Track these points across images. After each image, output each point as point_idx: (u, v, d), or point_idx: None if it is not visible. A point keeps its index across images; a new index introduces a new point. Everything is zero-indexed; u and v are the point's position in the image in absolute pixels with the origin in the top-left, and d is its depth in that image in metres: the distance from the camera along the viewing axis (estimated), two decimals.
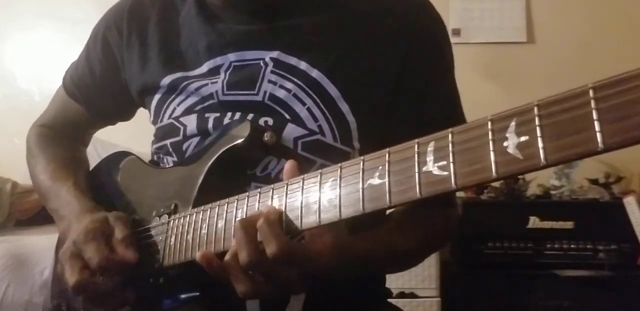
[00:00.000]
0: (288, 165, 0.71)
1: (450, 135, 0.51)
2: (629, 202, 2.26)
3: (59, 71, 1.21)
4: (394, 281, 2.14)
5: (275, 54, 0.93)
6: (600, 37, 2.83)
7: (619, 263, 2.23)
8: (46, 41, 3.26)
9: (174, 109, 0.97)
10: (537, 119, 0.44)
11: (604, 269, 2.23)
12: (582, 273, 2.24)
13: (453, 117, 0.94)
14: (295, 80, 0.91)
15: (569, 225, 2.30)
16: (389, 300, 1.05)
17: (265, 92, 0.92)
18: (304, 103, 0.90)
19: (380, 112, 0.93)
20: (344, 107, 0.91)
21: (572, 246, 2.28)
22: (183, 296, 0.85)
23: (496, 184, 2.49)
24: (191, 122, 0.95)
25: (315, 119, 0.90)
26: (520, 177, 2.45)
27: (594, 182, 2.50)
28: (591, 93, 0.41)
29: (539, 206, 2.39)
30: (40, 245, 2.16)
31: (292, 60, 0.92)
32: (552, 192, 2.48)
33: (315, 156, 0.89)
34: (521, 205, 2.41)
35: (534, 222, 2.32)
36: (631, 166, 2.72)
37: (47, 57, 3.20)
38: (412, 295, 2.23)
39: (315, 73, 0.91)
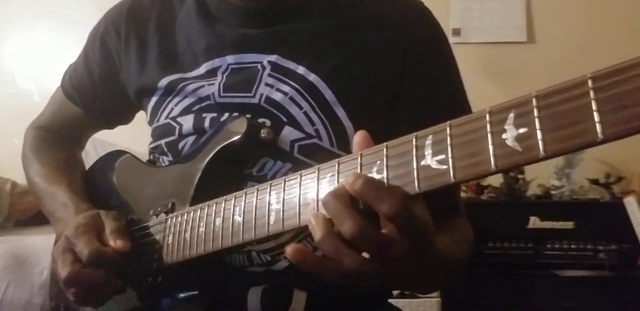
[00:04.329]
0: (359, 136, 0.62)
1: (448, 128, 0.51)
2: (630, 202, 2.26)
3: (58, 71, 1.20)
4: None
5: (273, 57, 0.93)
6: (600, 37, 2.83)
7: (619, 263, 2.22)
8: (46, 41, 3.26)
9: (172, 109, 0.97)
10: (535, 111, 0.43)
11: (604, 269, 2.22)
12: (582, 273, 2.24)
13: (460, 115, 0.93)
14: (292, 83, 0.91)
15: (569, 225, 2.30)
16: (389, 300, 1.05)
17: (261, 95, 0.91)
18: (300, 107, 0.90)
19: (379, 117, 0.92)
20: (340, 112, 0.90)
21: (572, 246, 2.28)
22: (182, 295, 0.85)
23: (496, 184, 2.49)
24: (187, 122, 0.94)
25: (312, 123, 0.90)
26: (520, 176, 2.45)
27: (595, 182, 2.50)
28: (590, 83, 0.40)
29: (539, 206, 2.39)
30: (40, 245, 2.16)
31: (291, 65, 0.92)
32: (553, 192, 2.48)
33: (310, 160, 0.88)
34: (521, 205, 2.41)
35: (534, 222, 2.32)
36: (631, 166, 2.72)
37: (47, 57, 3.20)
38: (412, 295, 2.22)
39: (312, 77, 0.91)
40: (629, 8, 2.87)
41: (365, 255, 0.58)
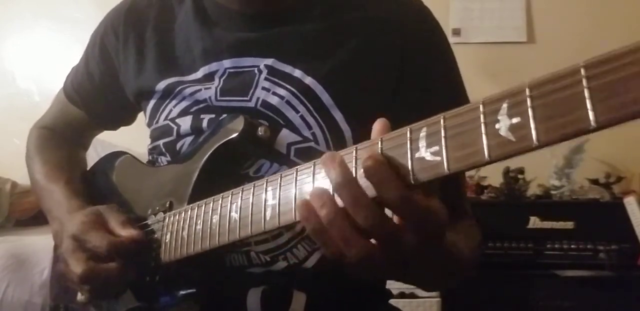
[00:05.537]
0: (379, 124, 0.60)
1: (442, 120, 0.51)
2: (630, 202, 2.25)
3: (58, 71, 1.21)
4: (394, 282, 2.13)
5: (270, 61, 0.92)
6: (600, 37, 2.82)
7: (619, 263, 2.21)
8: (46, 41, 3.27)
9: (170, 111, 0.97)
10: (528, 100, 0.43)
11: (604, 269, 2.21)
12: (582, 273, 2.23)
13: None
14: (289, 87, 0.90)
15: (569, 225, 2.29)
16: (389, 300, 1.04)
17: (257, 99, 0.91)
18: (297, 111, 0.90)
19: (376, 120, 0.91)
20: (338, 116, 0.90)
21: (572, 246, 2.27)
22: (180, 293, 0.85)
23: (496, 184, 2.48)
24: (185, 122, 0.94)
25: (309, 127, 0.89)
26: (520, 176, 2.44)
27: (595, 182, 2.50)
28: (582, 71, 0.40)
29: (539, 206, 2.38)
30: (40, 245, 2.17)
31: (287, 68, 0.92)
32: (553, 192, 2.47)
33: None
34: (521, 205, 2.40)
35: (534, 222, 2.31)
36: (632, 166, 2.71)
37: (47, 57, 3.21)
38: (412, 295, 2.22)
39: (309, 80, 0.90)
40: (629, 8, 2.87)
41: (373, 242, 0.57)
